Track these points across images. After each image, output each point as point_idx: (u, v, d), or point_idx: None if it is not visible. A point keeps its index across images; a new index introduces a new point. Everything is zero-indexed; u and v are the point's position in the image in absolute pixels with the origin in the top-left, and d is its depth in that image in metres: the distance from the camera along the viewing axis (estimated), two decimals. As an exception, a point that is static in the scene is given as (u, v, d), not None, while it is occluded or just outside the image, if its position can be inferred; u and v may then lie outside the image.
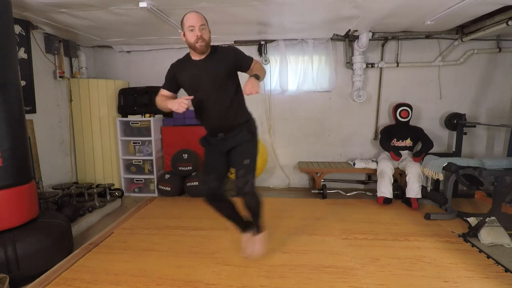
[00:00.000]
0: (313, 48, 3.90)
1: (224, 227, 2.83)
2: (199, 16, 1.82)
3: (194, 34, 1.79)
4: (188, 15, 1.82)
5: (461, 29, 3.52)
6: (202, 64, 1.90)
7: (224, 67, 1.89)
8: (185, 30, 1.83)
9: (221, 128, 1.98)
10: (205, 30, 1.83)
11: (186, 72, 1.94)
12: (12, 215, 2.03)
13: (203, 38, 1.80)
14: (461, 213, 3.01)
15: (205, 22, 1.84)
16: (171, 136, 3.98)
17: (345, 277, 2.01)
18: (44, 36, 3.40)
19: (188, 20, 1.81)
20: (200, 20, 1.81)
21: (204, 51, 1.86)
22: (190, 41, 1.82)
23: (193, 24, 1.78)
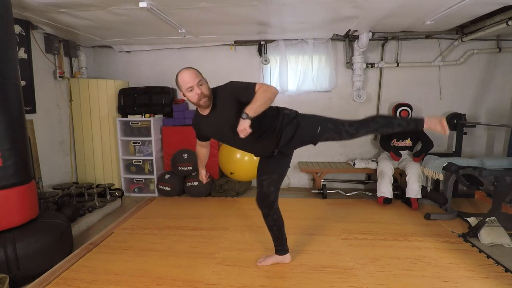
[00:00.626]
0: (313, 48, 3.90)
1: (224, 227, 2.83)
2: (193, 73, 1.72)
3: (195, 94, 1.71)
4: (181, 77, 1.72)
5: (461, 29, 3.52)
6: (212, 118, 1.85)
7: (232, 112, 1.76)
8: (184, 92, 1.75)
9: (269, 150, 1.98)
10: (203, 85, 1.74)
11: (204, 128, 1.96)
12: (12, 215, 2.03)
13: (204, 94, 1.73)
14: (461, 213, 3.01)
15: (201, 76, 1.75)
16: (171, 136, 3.98)
17: (345, 277, 2.01)
18: (44, 36, 3.40)
19: (183, 82, 1.71)
20: (196, 77, 1.72)
21: (209, 105, 1.79)
22: (193, 101, 1.76)
23: (190, 84, 1.70)
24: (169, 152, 3.95)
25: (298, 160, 4.18)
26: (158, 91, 3.97)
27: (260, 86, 1.76)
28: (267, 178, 2.04)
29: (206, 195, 3.78)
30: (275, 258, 2.18)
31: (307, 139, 1.98)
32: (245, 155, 3.67)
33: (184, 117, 3.98)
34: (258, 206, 2.09)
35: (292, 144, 1.98)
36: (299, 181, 4.27)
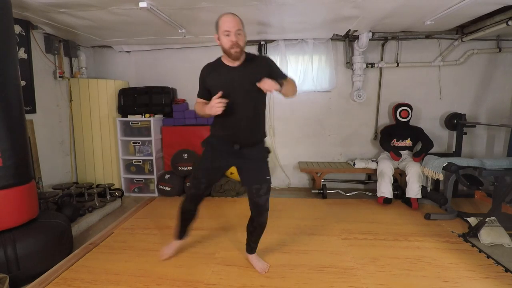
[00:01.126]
0: (313, 48, 3.90)
1: (224, 227, 2.83)
2: (236, 20, 1.70)
3: (229, 40, 1.68)
4: (224, 18, 1.71)
5: (461, 29, 3.52)
6: (237, 71, 1.79)
7: (260, 77, 1.73)
8: (219, 34, 1.72)
9: (240, 140, 1.88)
10: (241, 35, 1.71)
11: (217, 77, 1.83)
12: (12, 215, 2.03)
13: (239, 44, 1.70)
14: (461, 213, 3.01)
15: (242, 27, 1.72)
16: (171, 136, 3.98)
17: (345, 277, 2.01)
18: (44, 36, 3.40)
19: (224, 23, 1.69)
20: (237, 25, 1.69)
21: (239, 57, 1.75)
22: (225, 47, 1.71)
23: (229, 28, 1.67)
24: (169, 152, 3.95)
25: (298, 160, 4.18)
26: (158, 91, 3.97)
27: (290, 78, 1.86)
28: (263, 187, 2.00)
29: (206, 195, 3.78)
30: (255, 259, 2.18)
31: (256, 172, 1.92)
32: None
33: (184, 117, 3.98)
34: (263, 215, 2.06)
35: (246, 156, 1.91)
36: (299, 181, 4.27)
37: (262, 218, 1.97)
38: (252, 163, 1.92)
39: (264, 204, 1.92)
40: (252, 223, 2.03)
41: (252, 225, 2.04)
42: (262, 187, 1.89)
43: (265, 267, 2.11)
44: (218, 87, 1.78)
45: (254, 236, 2.10)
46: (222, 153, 1.93)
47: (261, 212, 1.94)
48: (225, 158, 1.94)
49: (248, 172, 1.94)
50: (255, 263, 2.13)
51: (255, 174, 1.91)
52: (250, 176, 1.93)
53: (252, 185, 1.90)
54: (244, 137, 1.89)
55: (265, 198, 1.91)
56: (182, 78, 4.19)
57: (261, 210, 1.94)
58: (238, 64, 1.80)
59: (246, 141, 1.90)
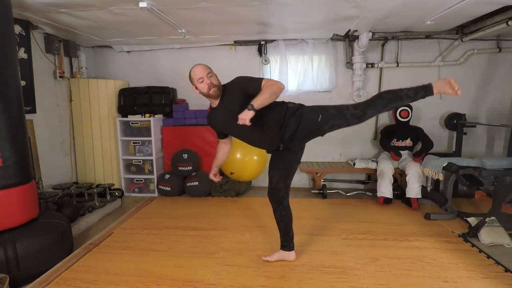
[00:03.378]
0: (313, 48, 3.90)
1: (224, 227, 2.83)
2: (203, 67, 1.89)
3: (205, 84, 1.85)
4: (193, 71, 1.89)
5: (461, 29, 3.52)
6: (220, 108, 1.95)
7: (238, 103, 1.83)
8: (196, 84, 1.90)
9: (274, 144, 1.98)
10: (212, 76, 1.88)
11: (214, 120, 2.02)
12: (12, 215, 2.03)
13: (213, 83, 1.86)
14: (461, 213, 3.01)
15: (210, 70, 1.90)
16: (171, 136, 3.98)
17: (345, 277, 2.01)
18: (44, 36, 3.40)
19: (195, 74, 1.88)
20: (205, 70, 1.87)
21: (218, 94, 1.91)
22: (204, 91, 1.88)
23: (201, 75, 1.85)
24: (169, 152, 3.95)
25: (298, 160, 4.18)
26: (158, 91, 3.97)
27: (266, 81, 1.85)
28: (276, 174, 2.10)
29: (206, 195, 3.78)
30: (280, 254, 2.22)
31: (312, 129, 1.96)
32: (245, 155, 3.67)
33: (184, 117, 3.98)
34: (269, 200, 2.16)
35: (298, 137, 1.96)
36: (299, 181, 4.27)
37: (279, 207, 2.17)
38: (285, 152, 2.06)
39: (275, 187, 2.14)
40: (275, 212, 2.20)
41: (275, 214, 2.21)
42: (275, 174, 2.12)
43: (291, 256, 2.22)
44: (221, 128, 2.06)
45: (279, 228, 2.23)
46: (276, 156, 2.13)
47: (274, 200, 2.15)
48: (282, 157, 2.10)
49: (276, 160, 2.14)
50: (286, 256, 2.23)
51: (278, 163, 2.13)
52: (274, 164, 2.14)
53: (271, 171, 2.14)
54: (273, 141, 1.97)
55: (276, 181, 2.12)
56: (182, 78, 4.13)
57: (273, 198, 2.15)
58: (218, 102, 1.95)
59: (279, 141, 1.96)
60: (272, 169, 2.12)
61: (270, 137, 1.95)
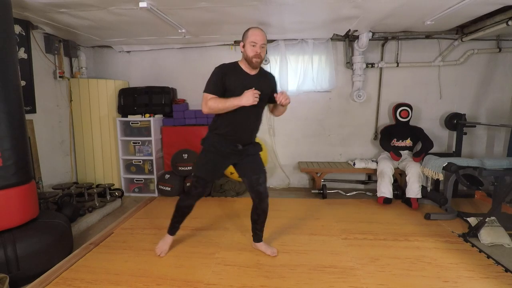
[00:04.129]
0: (313, 48, 3.90)
1: (224, 227, 2.83)
2: (263, 35, 1.92)
3: (254, 50, 1.90)
4: (254, 31, 1.92)
5: (461, 29, 3.52)
6: (254, 78, 2.00)
7: (269, 90, 2.06)
8: (246, 43, 1.93)
9: (243, 140, 2.08)
10: (264, 49, 1.93)
11: (236, 79, 1.96)
12: (12, 215, 2.03)
13: (261, 56, 1.92)
14: (461, 213, 3.01)
15: (266, 42, 1.96)
16: (171, 136, 3.98)
17: (345, 277, 2.01)
18: (44, 36, 3.40)
19: (252, 35, 1.91)
20: (263, 39, 1.92)
21: (257, 67, 1.98)
22: (249, 55, 1.92)
23: (256, 40, 1.89)
24: (169, 152, 3.95)
25: (298, 160, 4.19)
26: (158, 91, 3.97)
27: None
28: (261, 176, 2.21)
29: (206, 195, 3.78)
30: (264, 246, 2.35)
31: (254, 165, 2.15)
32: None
33: (184, 117, 3.98)
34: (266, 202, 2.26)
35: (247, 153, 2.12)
36: (299, 181, 4.27)
37: (264, 204, 2.18)
38: (250, 158, 2.14)
39: (264, 191, 2.14)
40: (256, 210, 2.22)
41: (256, 212, 2.22)
42: (261, 176, 2.13)
43: (274, 250, 2.30)
44: (237, 88, 1.93)
45: (259, 224, 2.29)
46: (224, 152, 2.07)
47: (262, 199, 2.15)
48: (228, 157, 2.11)
49: (247, 165, 2.14)
50: (265, 249, 2.32)
51: (254, 167, 2.14)
52: (250, 169, 2.14)
53: (252, 176, 2.12)
54: (247, 137, 2.10)
55: (264, 186, 2.15)
56: (182, 78, 4.19)
57: (263, 197, 2.15)
58: (255, 73, 2.02)
59: (248, 141, 2.11)
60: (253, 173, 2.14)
61: (251, 133, 2.12)
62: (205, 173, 2.11)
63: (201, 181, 2.12)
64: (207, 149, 2.09)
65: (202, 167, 2.11)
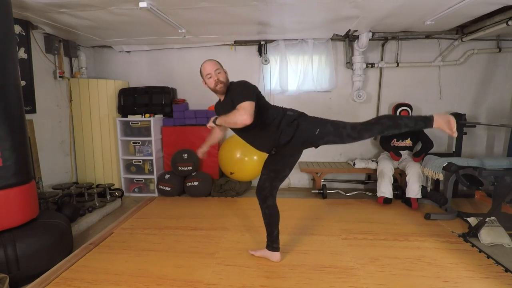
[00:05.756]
0: (313, 48, 3.90)
1: (224, 227, 2.83)
2: (212, 63, 1.98)
3: (213, 80, 1.96)
4: (203, 66, 1.99)
5: (461, 29, 3.52)
6: (221, 104, 2.08)
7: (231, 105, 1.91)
8: (205, 79, 2.00)
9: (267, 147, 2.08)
10: (220, 73, 1.97)
11: (217, 113, 2.09)
12: (12, 215, 2.03)
13: (220, 80, 1.96)
14: (461, 213, 3.01)
15: (220, 66, 1.99)
16: (171, 136, 3.98)
17: (345, 277, 2.01)
18: (44, 36, 3.40)
19: (204, 70, 1.98)
20: (215, 66, 1.96)
21: (224, 91, 2.00)
22: (211, 86, 1.99)
23: (209, 71, 1.95)
24: (169, 152, 3.95)
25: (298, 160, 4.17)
26: (158, 91, 3.97)
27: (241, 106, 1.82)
28: (265, 173, 2.17)
29: (206, 195, 3.78)
30: (263, 252, 2.25)
31: (307, 141, 2.02)
32: (245, 155, 3.67)
33: (184, 117, 3.98)
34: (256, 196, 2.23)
35: (291, 145, 2.01)
36: (299, 181, 4.27)
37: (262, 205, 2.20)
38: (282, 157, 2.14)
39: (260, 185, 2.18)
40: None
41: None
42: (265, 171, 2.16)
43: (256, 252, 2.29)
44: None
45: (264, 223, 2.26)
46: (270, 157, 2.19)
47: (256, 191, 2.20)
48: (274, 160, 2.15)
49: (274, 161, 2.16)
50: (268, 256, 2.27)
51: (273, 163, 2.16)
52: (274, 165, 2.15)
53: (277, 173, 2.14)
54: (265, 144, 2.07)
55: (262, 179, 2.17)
56: (182, 78, 4.19)
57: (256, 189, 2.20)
58: (223, 97, 2.04)
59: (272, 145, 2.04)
60: (263, 168, 2.19)
61: (263, 141, 2.06)
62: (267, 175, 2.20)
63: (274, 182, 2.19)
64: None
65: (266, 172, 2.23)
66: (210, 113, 3.96)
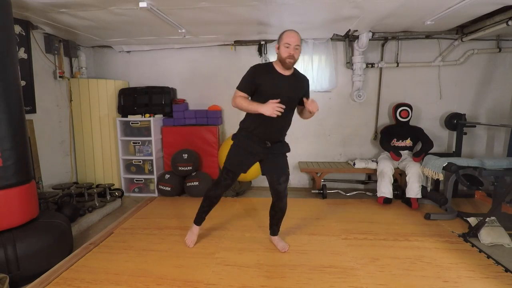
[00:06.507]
0: (313, 48, 3.90)
1: (224, 227, 2.83)
2: (297, 37, 1.97)
3: (288, 51, 1.95)
4: (288, 33, 1.98)
5: (461, 29, 3.52)
6: (287, 79, 2.06)
7: (302, 92, 2.13)
8: (280, 44, 1.99)
9: (272, 138, 2.14)
10: (297, 50, 1.98)
11: (270, 80, 2.04)
12: (12, 215, 2.03)
13: (294, 56, 1.97)
14: (461, 213, 3.01)
15: (300, 44, 2.00)
16: (171, 136, 3.98)
17: (345, 277, 2.01)
18: (44, 36, 3.40)
19: (287, 37, 1.96)
20: (297, 41, 1.96)
21: (290, 67, 2.04)
22: (282, 56, 1.98)
23: (290, 42, 1.94)
24: (169, 152, 3.95)
25: (298, 160, 4.18)
26: (158, 91, 3.97)
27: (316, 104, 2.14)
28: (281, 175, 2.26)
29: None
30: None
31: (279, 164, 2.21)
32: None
33: (184, 117, 3.98)
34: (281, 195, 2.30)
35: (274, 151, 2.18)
36: (299, 181, 4.27)
37: (282, 203, 2.24)
38: (276, 157, 2.20)
39: (283, 191, 2.20)
40: (274, 207, 2.30)
41: (274, 209, 2.31)
42: (282, 176, 2.18)
43: (286, 246, 2.37)
44: (268, 88, 2.02)
45: (275, 219, 2.36)
46: (254, 149, 2.15)
47: (281, 198, 2.21)
48: (257, 154, 2.18)
49: (271, 164, 2.20)
50: (277, 243, 2.40)
51: (277, 167, 2.19)
52: (273, 168, 2.19)
53: (274, 175, 2.18)
54: (276, 135, 2.16)
55: (284, 186, 2.19)
56: (182, 78, 4.19)
57: (281, 196, 2.20)
58: (289, 74, 2.07)
59: (276, 139, 2.17)
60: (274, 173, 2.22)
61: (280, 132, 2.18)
62: (234, 166, 2.22)
63: (230, 173, 2.22)
64: (237, 144, 2.21)
65: (231, 161, 2.22)
66: (210, 113, 3.96)
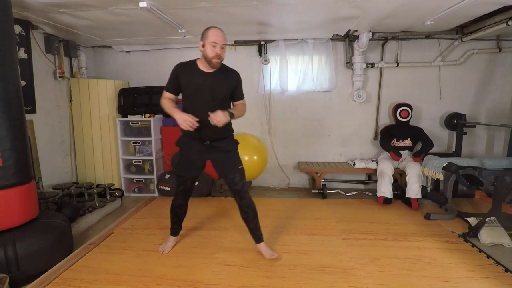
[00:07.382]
0: (313, 48, 3.90)
1: (224, 227, 2.83)
2: (223, 36, 1.93)
3: (215, 51, 1.90)
4: (214, 31, 1.91)
5: (461, 29, 3.52)
6: (210, 77, 2.00)
7: (227, 88, 2.06)
8: (205, 42, 1.92)
9: (208, 136, 2.09)
10: (224, 49, 1.94)
11: (191, 79, 2.02)
12: (12, 215, 2.03)
13: (221, 57, 1.93)
14: (461, 213, 3.01)
15: (226, 43, 1.96)
16: (171, 136, 3.98)
17: (345, 277, 2.01)
18: (44, 36, 3.40)
19: (213, 35, 1.90)
20: (223, 40, 1.92)
21: (216, 67, 1.98)
22: (209, 55, 1.92)
23: (217, 41, 1.89)
24: (169, 152, 3.95)
25: (298, 160, 4.18)
26: (158, 91, 3.96)
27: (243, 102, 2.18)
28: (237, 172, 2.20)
29: (206, 195, 3.78)
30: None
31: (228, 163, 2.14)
32: (244, 155, 3.66)
33: (184, 117, 3.97)
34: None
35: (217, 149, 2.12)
36: (299, 181, 4.27)
37: (244, 200, 2.15)
38: (224, 154, 2.13)
39: (241, 189, 2.12)
40: (241, 208, 2.19)
41: (242, 210, 2.19)
42: (236, 175, 2.11)
43: (274, 254, 2.25)
44: (190, 86, 2.02)
45: (251, 222, 2.23)
46: (196, 149, 2.13)
47: (242, 196, 2.14)
48: (200, 154, 2.14)
49: (221, 163, 2.14)
50: (265, 252, 2.26)
51: (228, 165, 2.13)
52: (224, 167, 2.14)
53: (228, 175, 2.12)
54: (211, 133, 2.07)
55: (240, 184, 2.12)
56: (182, 78, 4.18)
57: (242, 194, 2.13)
58: (211, 72, 2.01)
59: (213, 136, 2.09)
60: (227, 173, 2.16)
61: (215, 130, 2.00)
62: (182, 170, 2.18)
63: (180, 178, 2.19)
64: (181, 148, 2.19)
65: (179, 166, 2.21)
66: (210, 113, 3.96)
